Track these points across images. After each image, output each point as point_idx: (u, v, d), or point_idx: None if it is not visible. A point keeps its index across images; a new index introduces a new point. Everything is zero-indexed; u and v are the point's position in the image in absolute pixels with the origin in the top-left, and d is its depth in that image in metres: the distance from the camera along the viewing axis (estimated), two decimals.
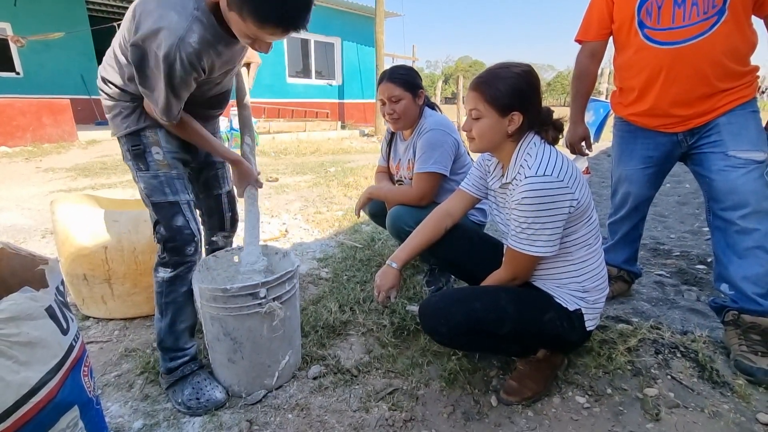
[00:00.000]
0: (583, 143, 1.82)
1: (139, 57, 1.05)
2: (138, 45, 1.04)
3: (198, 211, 1.59)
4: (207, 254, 1.63)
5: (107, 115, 1.29)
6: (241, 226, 1.56)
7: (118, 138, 1.29)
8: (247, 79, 1.57)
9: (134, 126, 1.24)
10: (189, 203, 1.32)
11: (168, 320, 1.31)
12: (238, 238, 2.68)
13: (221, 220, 1.63)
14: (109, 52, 1.24)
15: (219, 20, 1.09)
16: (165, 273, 1.30)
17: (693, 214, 3.38)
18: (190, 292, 1.33)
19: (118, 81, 1.22)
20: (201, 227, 1.32)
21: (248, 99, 1.55)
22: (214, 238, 1.65)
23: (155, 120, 1.22)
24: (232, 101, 1.52)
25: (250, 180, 1.46)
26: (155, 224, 1.29)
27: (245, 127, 1.55)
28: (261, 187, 1.51)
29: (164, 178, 1.27)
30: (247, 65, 1.58)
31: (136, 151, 1.26)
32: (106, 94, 1.25)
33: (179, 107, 1.16)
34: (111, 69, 1.22)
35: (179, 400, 1.27)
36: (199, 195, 1.55)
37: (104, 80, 1.24)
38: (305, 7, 1.01)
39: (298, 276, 1.45)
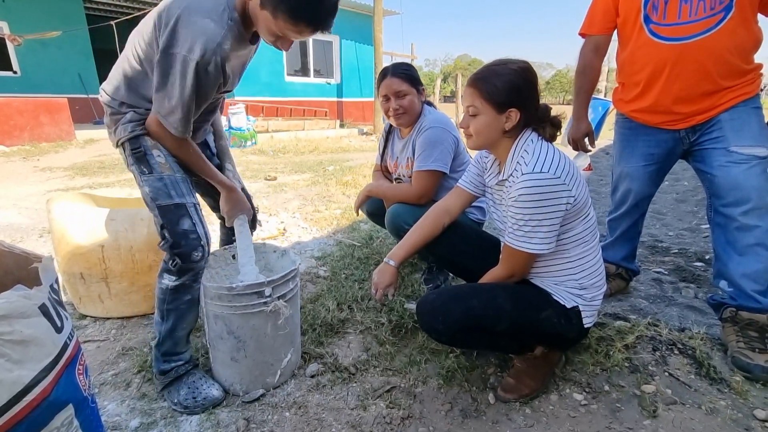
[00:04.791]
0: (586, 139, 1.81)
1: (169, 64, 1.09)
2: (171, 53, 1.08)
3: (218, 215, 1.60)
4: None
5: (109, 129, 1.29)
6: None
7: (120, 146, 1.27)
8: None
9: (132, 132, 1.23)
10: (195, 206, 1.27)
11: (169, 326, 1.29)
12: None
13: None
14: (118, 65, 1.25)
15: (243, 23, 1.15)
16: (170, 281, 1.26)
17: (691, 212, 3.38)
18: (194, 300, 1.30)
19: (123, 92, 1.23)
20: (208, 231, 1.29)
21: (225, 132, 1.65)
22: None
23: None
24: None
25: (242, 209, 1.45)
26: (161, 229, 1.23)
27: (225, 155, 1.59)
28: (251, 216, 1.51)
29: (169, 180, 1.23)
30: None
31: (137, 153, 1.23)
32: (111, 108, 1.26)
33: (191, 120, 1.19)
34: (121, 79, 1.23)
35: (175, 401, 1.27)
36: (214, 197, 1.51)
37: (113, 96, 1.26)
38: (334, 10, 1.11)
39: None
